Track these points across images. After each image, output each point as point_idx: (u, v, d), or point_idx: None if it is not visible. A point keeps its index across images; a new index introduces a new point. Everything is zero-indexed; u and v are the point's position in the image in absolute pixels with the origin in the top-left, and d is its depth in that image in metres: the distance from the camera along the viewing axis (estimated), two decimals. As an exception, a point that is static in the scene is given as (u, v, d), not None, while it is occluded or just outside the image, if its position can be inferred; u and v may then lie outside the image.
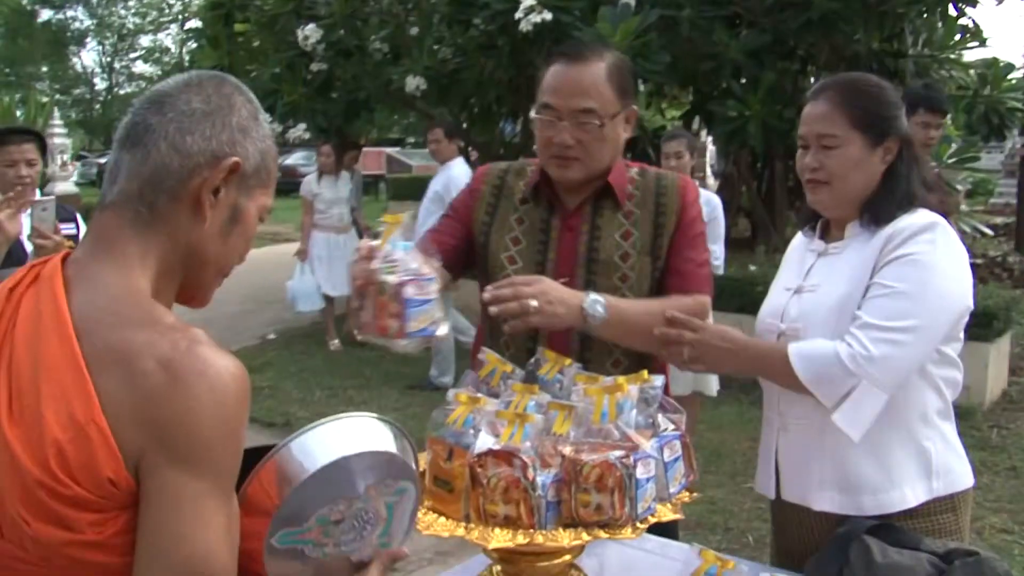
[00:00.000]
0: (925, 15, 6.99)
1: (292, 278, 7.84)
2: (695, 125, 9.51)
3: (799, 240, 2.08)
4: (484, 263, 2.12)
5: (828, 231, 1.97)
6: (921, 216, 1.79)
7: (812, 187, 1.88)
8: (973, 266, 1.87)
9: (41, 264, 1.17)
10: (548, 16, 6.19)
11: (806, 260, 1.96)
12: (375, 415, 1.36)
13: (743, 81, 6.62)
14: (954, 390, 1.87)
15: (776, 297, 1.98)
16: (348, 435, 1.27)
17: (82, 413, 1.03)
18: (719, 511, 4.38)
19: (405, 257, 1.61)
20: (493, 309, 1.77)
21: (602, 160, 2.01)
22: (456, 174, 6.14)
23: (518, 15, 6.26)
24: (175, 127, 1.15)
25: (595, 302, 1.85)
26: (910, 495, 1.78)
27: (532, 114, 2.04)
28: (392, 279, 1.58)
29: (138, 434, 1.03)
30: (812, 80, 9.41)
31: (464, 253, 2.14)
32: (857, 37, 6.54)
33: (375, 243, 1.65)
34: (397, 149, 28.40)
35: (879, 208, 1.83)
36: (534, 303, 1.77)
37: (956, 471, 1.85)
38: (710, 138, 9.74)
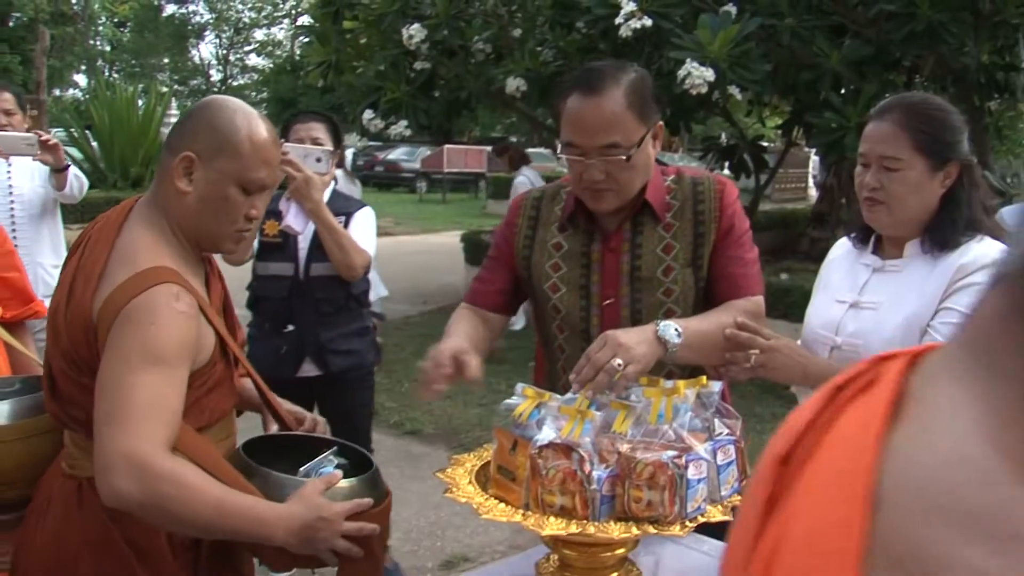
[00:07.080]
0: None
1: None
2: (795, 135, 9.37)
3: (845, 249, 2.08)
4: (532, 293, 2.15)
5: (881, 245, 1.99)
6: (992, 247, 1.80)
7: (869, 206, 1.90)
8: None
9: None
10: (648, 22, 6.21)
11: (858, 273, 1.98)
12: None
13: (844, 92, 6.52)
14: None
15: (828, 309, 1.99)
16: None
17: None
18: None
19: None
20: (588, 393, 1.71)
21: (635, 186, 1.98)
22: None
23: (618, 20, 6.30)
24: None
25: (667, 327, 1.80)
26: None
27: (558, 151, 2.02)
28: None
29: None
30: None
31: (513, 294, 2.17)
32: (966, 49, 6.37)
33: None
34: (498, 148, 28.57)
35: (942, 234, 1.84)
36: (618, 361, 1.69)
37: None
38: (814, 149, 9.57)
